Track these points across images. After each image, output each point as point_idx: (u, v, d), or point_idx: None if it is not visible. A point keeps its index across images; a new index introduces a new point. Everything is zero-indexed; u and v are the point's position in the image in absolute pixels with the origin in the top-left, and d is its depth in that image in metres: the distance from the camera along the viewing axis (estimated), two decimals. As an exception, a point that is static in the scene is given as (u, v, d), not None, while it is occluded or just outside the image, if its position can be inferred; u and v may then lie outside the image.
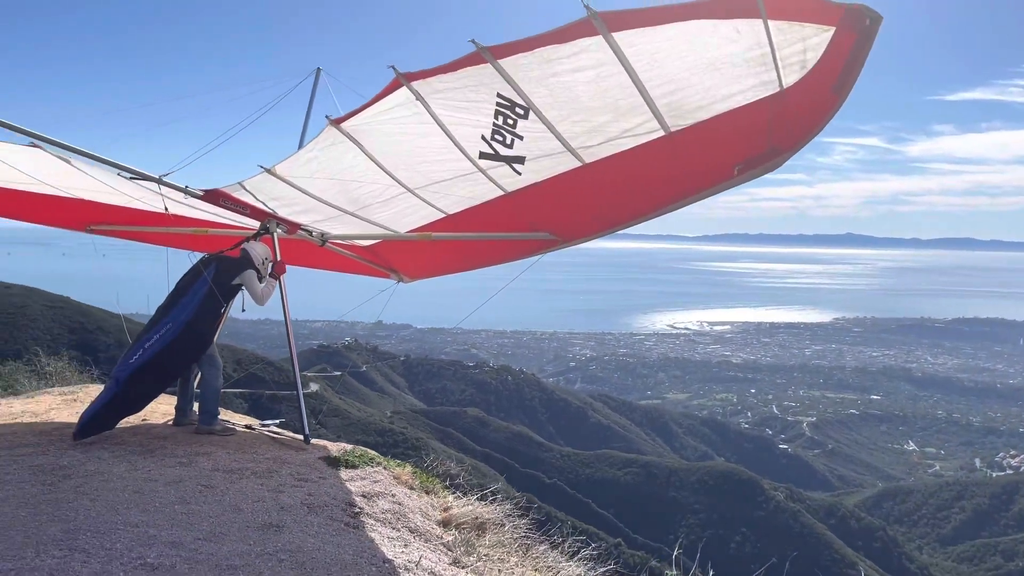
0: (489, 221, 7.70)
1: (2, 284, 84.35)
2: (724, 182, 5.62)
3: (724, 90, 4.92)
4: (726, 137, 5.40)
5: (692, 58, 4.73)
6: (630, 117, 5.34)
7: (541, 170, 6.32)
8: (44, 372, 13.43)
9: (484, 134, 5.89)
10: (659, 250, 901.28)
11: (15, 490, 5.66)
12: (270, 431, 8.00)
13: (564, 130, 5.63)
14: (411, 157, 6.70)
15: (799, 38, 4.35)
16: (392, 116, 5.91)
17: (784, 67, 4.57)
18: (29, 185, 7.87)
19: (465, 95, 5.45)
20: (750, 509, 74.98)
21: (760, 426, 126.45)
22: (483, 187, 6.89)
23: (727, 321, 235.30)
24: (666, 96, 5.06)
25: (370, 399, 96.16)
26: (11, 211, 9.58)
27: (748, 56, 4.56)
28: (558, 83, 5.11)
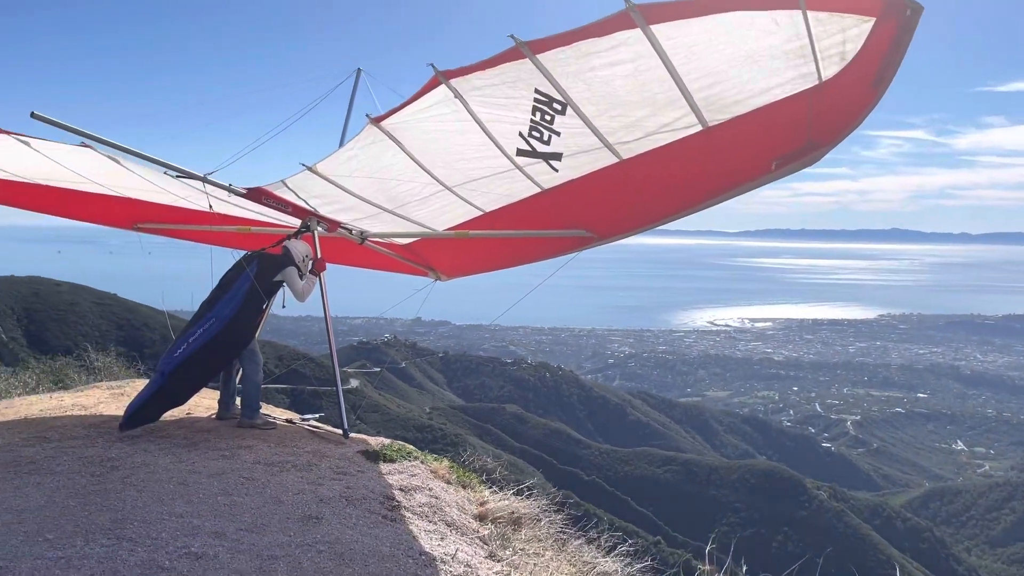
0: (526, 218, 7.70)
1: (53, 282, 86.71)
2: (761, 177, 5.56)
3: (762, 83, 4.86)
4: (764, 131, 5.34)
5: (730, 51, 4.68)
6: (668, 111, 5.31)
7: (578, 166, 6.31)
8: (93, 367, 13.82)
9: (522, 131, 5.89)
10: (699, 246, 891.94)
11: (65, 480, 5.84)
12: (310, 425, 8.13)
13: (601, 125, 5.61)
14: (449, 155, 6.74)
15: (839, 29, 4.28)
16: (431, 114, 5.95)
17: (823, 59, 4.49)
18: (79, 184, 8.09)
19: (503, 92, 5.46)
20: (792, 508, 74.02)
21: (803, 424, 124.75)
22: (520, 184, 6.90)
23: (768, 318, 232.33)
24: (704, 90, 5.02)
25: (409, 395, 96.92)
26: (63, 210, 9.85)
27: (787, 48, 4.50)
28: (596, 78, 5.09)
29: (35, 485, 5.71)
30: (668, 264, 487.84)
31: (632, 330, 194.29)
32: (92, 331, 71.78)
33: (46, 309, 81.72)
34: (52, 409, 8.38)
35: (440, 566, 4.89)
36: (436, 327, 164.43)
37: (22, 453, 6.47)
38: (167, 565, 4.47)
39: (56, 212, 10.03)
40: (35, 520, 5.04)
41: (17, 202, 9.39)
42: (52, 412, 8.22)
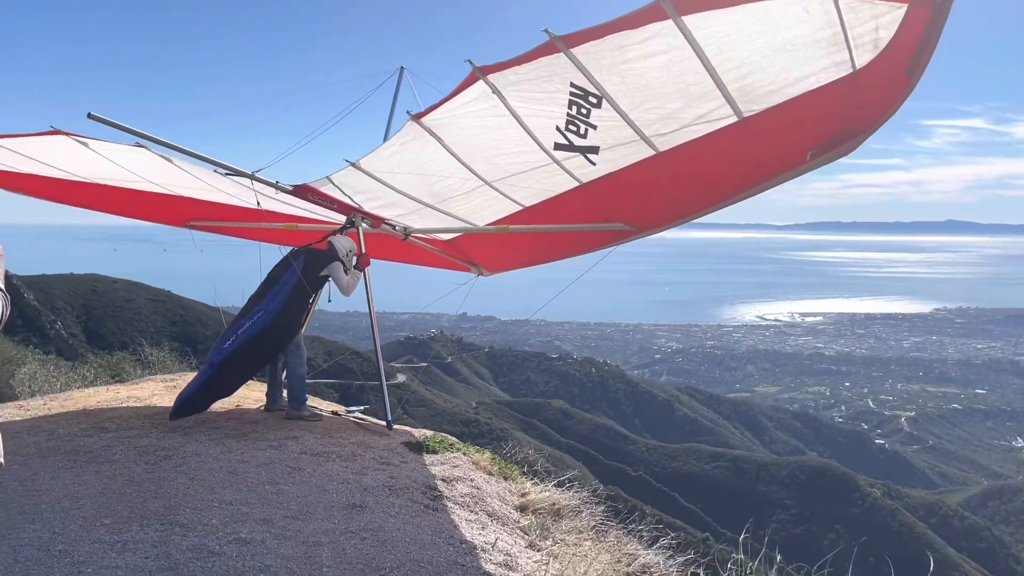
0: (565, 212, 7.73)
1: (110, 279, 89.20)
2: (797, 167, 5.51)
3: (796, 72, 4.82)
4: (799, 121, 5.29)
5: (762, 40, 4.65)
6: (703, 103, 5.30)
7: (615, 159, 6.32)
8: (148, 361, 14.25)
9: (558, 125, 5.92)
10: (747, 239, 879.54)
11: (122, 469, 6.07)
12: (355, 417, 8.29)
13: (637, 118, 5.61)
14: (488, 150, 6.80)
15: (871, 16, 4.23)
16: (469, 110, 6.01)
17: (856, 47, 4.44)
18: (135, 183, 8.36)
19: (539, 86, 5.50)
20: (844, 506, 72.67)
21: (855, 420, 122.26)
22: (558, 178, 6.94)
23: (819, 312, 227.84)
24: (738, 80, 4.99)
25: (455, 390, 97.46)
26: (119, 208, 10.17)
27: (819, 37, 4.46)
28: (630, 70, 5.09)
29: (93, 473, 5.95)
30: (715, 258, 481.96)
31: (679, 325, 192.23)
32: (147, 327, 73.69)
33: (103, 306, 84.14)
34: (109, 401, 8.68)
35: (480, 554, 4.97)
36: (482, 322, 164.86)
37: (81, 443, 6.74)
38: (217, 550, 4.63)
39: (113, 211, 10.36)
40: (93, 506, 5.26)
41: (77, 201, 9.73)
42: (109, 404, 8.52)
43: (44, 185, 8.65)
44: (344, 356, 65.69)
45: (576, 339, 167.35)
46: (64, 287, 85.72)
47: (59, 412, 8.01)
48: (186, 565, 4.42)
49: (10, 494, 5.43)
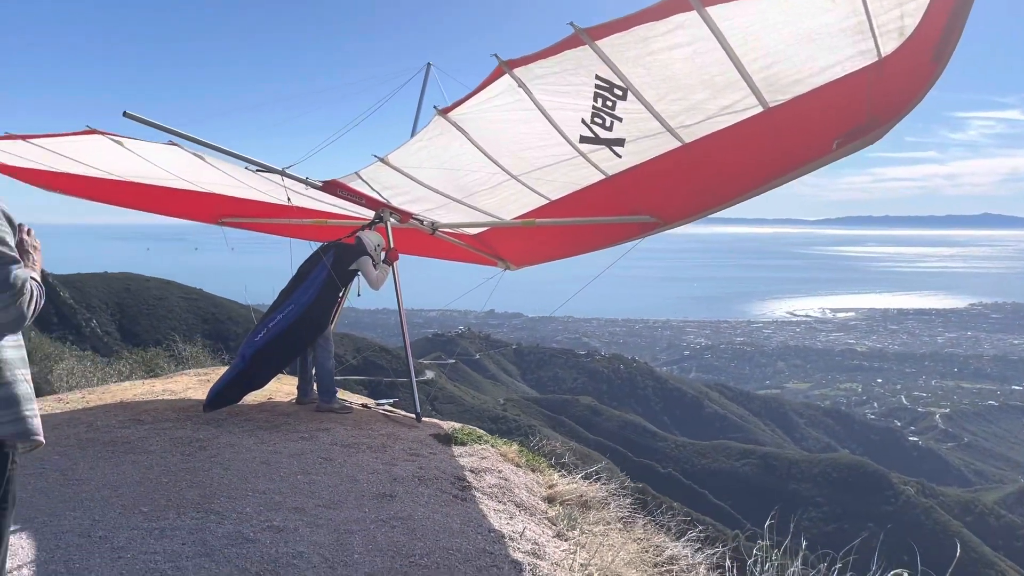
0: (591, 205, 7.76)
1: (143, 277, 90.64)
2: (823, 157, 5.49)
3: (821, 62, 4.81)
4: (825, 111, 5.27)
5: (787, 30, 4.64)
6: (728, 93, 5.29)
7: (641, 152, 6.33)
8: (181, 356, 14.50)
9: (584, 117, 5.95)
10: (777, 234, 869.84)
11: (158, 459, 6.21)
12: (384, 410, 8.40)
13: (662, 109, 5.62)
14: (514, 144, 6.84)
15: (896, 3, 4.20)
16: (495, 104, 6.06)
17: (881, 35, 4.41)
18: (168, 181, 8.52)
19: (565, 79, 5.53)
20: (877, 503, 71.79)
21: (888, 417, 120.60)
22: (584, 171, 6.96)
23: (851, 308, 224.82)
24: (763, 71, 4.99)
25: (483, 386, 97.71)
26: (153, 206, 10.35)
27: (844, 25, 4.44)
28: (655, 62, 5.10)
29: (131, 463, 6.10)
30: (745, 254, 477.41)
31: (708, 321, 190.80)
32: (180, 324, 74.67)
33: (137, 304, 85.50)
34: (144, 394, 8.86)
35: (508, 542, 5.03)
36: (509, 319, 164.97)
37: (119, 434, 6.90)
38: (251, 537, 4.74)
39: (148, 208, 10.55)
40: (131, 495, 5.39)
41: (112, 199, 9.94)
42: (145, 397, 8.70)
43: (81, 184, 8.85)
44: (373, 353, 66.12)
45: (604, 336, 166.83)
46: (99, 285, 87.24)
47: (97, 405, 8.20)
48: (221, 551, 4.52)
49: (51, 483, 5.58)
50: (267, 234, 11.47)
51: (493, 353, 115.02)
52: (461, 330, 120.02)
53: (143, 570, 4.25)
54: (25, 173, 8.67)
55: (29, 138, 7.21)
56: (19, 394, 2.64)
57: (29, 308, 2.61)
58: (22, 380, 2.67)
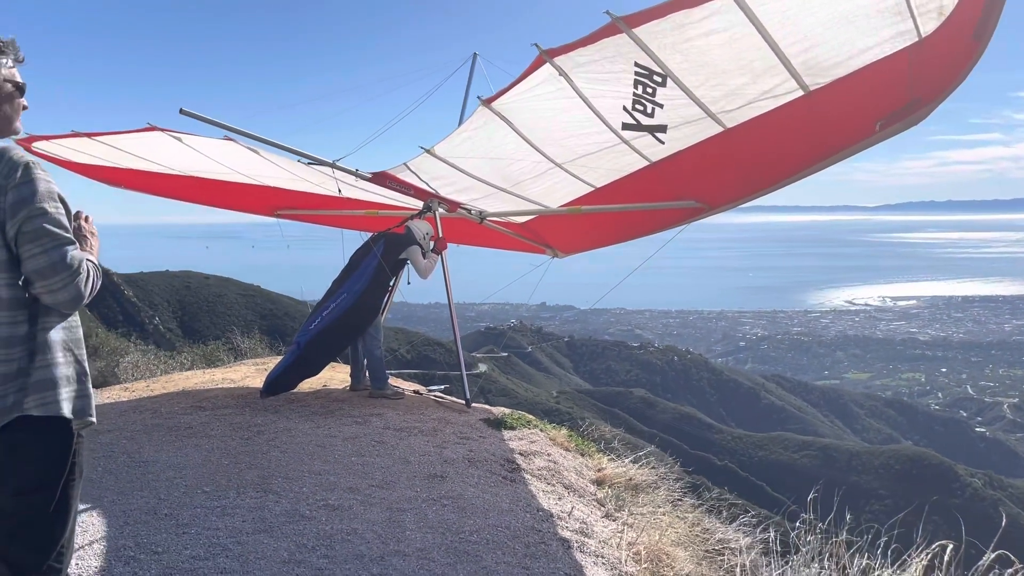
0: (636, 192, 7.76)
1: (202, 275, 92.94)
2: (866, 139, 5.41)
3: (860, 43, 4.75)
4: (866, 93, 5.20)
5: (824, 12, 4.61)
6: (767, 78, 5.27)
7: (683, 138, 6.32)
8: (239, 349, 14.89)
9: (625, 105, 5.97)
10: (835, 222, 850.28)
11: (219, 443, 6.45)
12: (435, 396, 8.55)
13: (703, 95, 5.61)
14: (557, 132, 6.89)
15: None
16: (537, 93, 6.12)
17: (920, 15, 4.34)
18: (225, 175, 8.79)
19: (604, 67, 5.55)
20: (943, 496, 69.65)
21: (953, 407, 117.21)
22: (628, 158, 6.98)
23: (912, 296, 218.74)
24: (801, 54, 4.95)
25: (536, 379, 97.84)
26: (211, 199, 10.66)
27: (882, 7, 4.38)
28: (692, 48, 5.10)
29: (193, 447, 6.34)
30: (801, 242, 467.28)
31: (764, 311, 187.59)
32: (238, 320, 76.20)
33: (197, 301, 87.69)
34: (205, 383, 9.17)
35: (557, 521, 5.11)
36: (561, 312, 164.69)
37: (181, 420, 7.17)
38: (308, 514, 4.91)
39: (206, 201, 10.86)
40: (194, 476, 5.62)
41: (173, 193, 10.28)
42: (205, 385, 9.01)
43: (143, 179, 9.20)
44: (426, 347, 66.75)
45: (657, 327, 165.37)
46: (160, 283, 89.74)
47: (161, 393, 8.52)
48: (280, 528, 4.70)
49: (119, 465, 5.85)
50: (322, 226, 11.70)
51: (545, 346, 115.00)
52: (513, 323, 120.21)
53: (207, 544, 4.45)
54: (91, 169, 9.05)
55: (94, 135, 7.53)
56: (58, 376, 2.67)
57: (86, 288, 2.68)
58: (64, 363, 2.71)
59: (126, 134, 7.35)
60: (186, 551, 4.34)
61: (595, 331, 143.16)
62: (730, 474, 73.21)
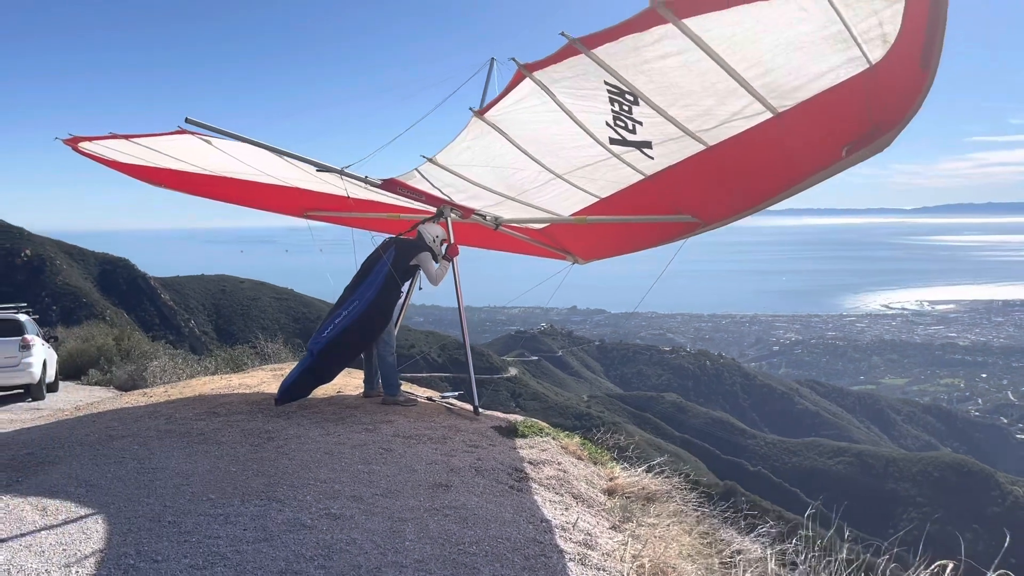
0: (637, 204, 7.70)
1: (237, 279, 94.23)
2: (835, 163, 5.30)
3: (814, 69, 4.65)
4: (831, 116, 5.11)
5: (769, 39, 4.51)
6: (733, 100, 5.17)
7: (670, 154, 6.24)
8: (265, 353, 15.06)
9: (607, 120, 5.90)
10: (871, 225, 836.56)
11: (229, 450, 6.48)
12: (448, 403, 8.51)
13: (676, 115, 5.51)
14: (552, 143, 6.82)
15: (870, 12, 4.03)
16: (525, 106, 6.06)
17: (865, 42, 4.25)
18: (255, 176, 8.86)
19: (579, 83, 5.46)
20: (983, 504, 68.44)
21: (993, 414, 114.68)
22: (624, 171, 6.90)
23: (951, 300, 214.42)
24: (760, 78, 4.85)
25: (567, 383, 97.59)
26: (244, 199, 10.71)
27: (825, 34, 4.29)
28: (653, 69, 5.00)
29: (203, 453, 6.37)
30: (836, 245, 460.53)
31: (798, 315, 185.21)
32: (272, 324, 77.25)
33: (231, 304, 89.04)
34: (222, 388, 9.25)
35: (560, 532, 5.04)
36: (591, 315, 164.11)
37: (194, 426, 7.22)
38: (309, 523, 4.89)
39: (240, 201, 10.91)
40: (201, 483, 5.64)
41: (209, 193, 10.39)
42: (221, 391, 9.08)
43: (181, 179, 9.36)
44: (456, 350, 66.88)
45: (689, 331, 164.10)
46: (196, 287, 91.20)
47: (178, 398, 8.61)
48: (280, 537, 4.69)
49: (128, 471, 5.90)
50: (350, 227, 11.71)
51: (576, 350, 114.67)
52: (543, 327, 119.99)
53: (206, 553, 4.44)
54: (134, 169, 9.26)
55: (132, 137, 7.68)
56: None
57: None
58: None
59: (159, 136, 7.45)
60: (185, 560, 4.34)
61: (626, 335, 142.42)
62: (763, 480, 72.40)
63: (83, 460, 6.27)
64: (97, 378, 17.64)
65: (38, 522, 4.88)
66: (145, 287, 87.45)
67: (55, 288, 79.56)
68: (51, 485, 5.63)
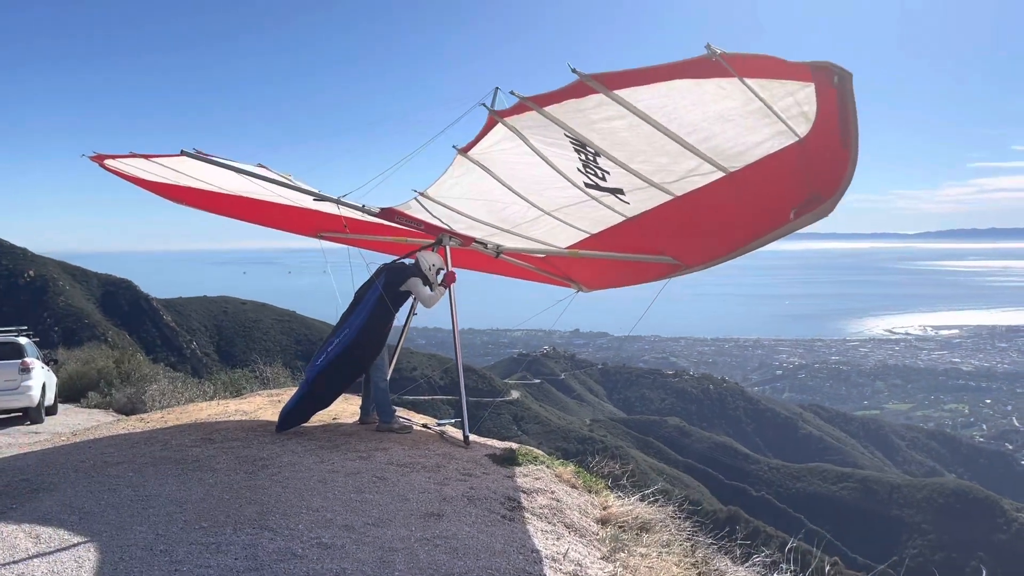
0: (626, 242, 7.79)
1: (239, 300, 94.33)
2: (785, 225, 5.38)
3: (749, 139, 4.75)
4: (776, 180, 5.21)
5: (698, 111, 4.61)
6: (684, 160, 5.26)
7: (644, 200, 6.33)
8: (264, 377, 15.08)
9: (578, 167, 6.00)
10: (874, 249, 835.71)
11: (223, 477, 6.49)
12: (441, 430, 8.52)
13: (637, 168, 5.61)
14: (535, 183, 6.93)
15: (786, 92, 4.12)
16: (502, 148, 6.17)
17: (789, 119, 4.35)
18: (268, 196, 8.93)
19: (545, 132, 5.56)
20: (988, 531, 67.87)
21: (998, 440, 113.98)
22: (605, 212, 7.00)
23: (955, 325, 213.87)
24: (703, 143, 4.95)
25: (569, 407, 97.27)
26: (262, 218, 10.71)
27: (749, 109, 4.38)
28: (603, 129, 5.09)
29: (197, 481, 6.39)
30: (840, 270, 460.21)
31: (802, 340, 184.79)
32: (273, 346, 77.42)
33: (233, 326, 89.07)
34: (218, 414, 9.26)
35: (550, 563, 5.04)
36: (594, 339, 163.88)
37: (190, 452, 7.24)
38: (300, 553, 4.90)
39: (259, 221, 10.89)
40: (194, 511, 5.66)
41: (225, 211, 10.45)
42: (218, 417, 9.10)
43: (199, 196, 9.45)
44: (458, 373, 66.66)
45: (692, 355, 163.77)
46: (199, 309, 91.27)
47: (174, 424, 8.63)
48: (270, 566, 4.69)
49: (123, 498, 5.91)
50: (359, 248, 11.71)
51: (579, 373, 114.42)
52: (546, 350, 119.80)
53: (196, 583, 4.45)
54: (157, 186, 9.38)
55: (150, 157, 7.77)
56: None
57: None
58: None
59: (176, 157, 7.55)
60: (174, 590, 4.35)
61: (629, 358, 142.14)
62: (767, 505, 71.92)
63: (78, 487, 6.29)
64: (96, 401, 17.64)
65: (31, 550, 4.90)
66: (147, 308, 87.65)
67: (57, 309, 79.81)
68: (45, 512, 5.65)
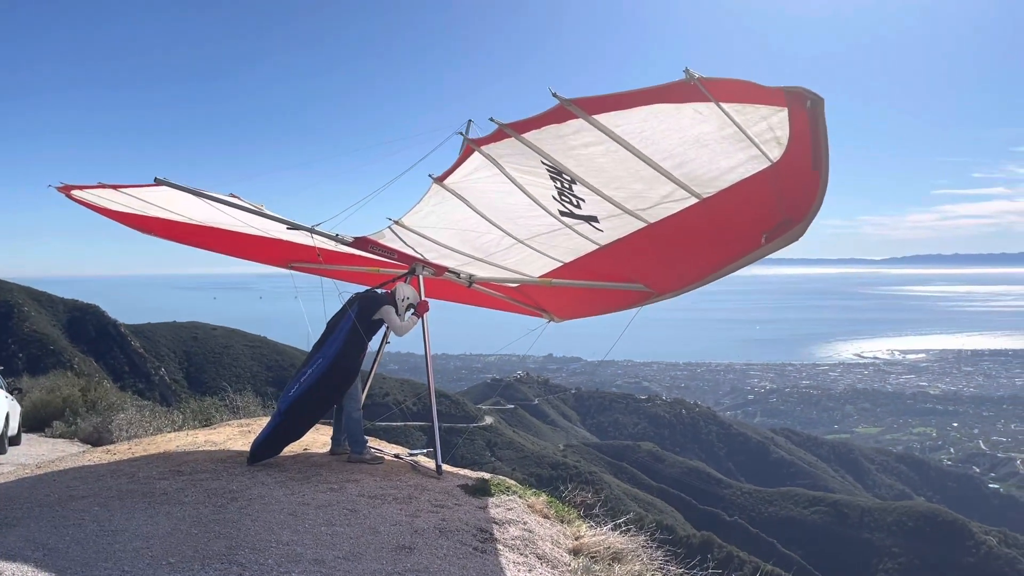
0: (597, 271, 7.84)
1: (209, 326, 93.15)
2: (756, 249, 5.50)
3: (723, 163, 4.88)
4: (749, 204, 5.33)
5: (675, 137, 4.73)
6: (659, 186, 5.36)
7: (616, 228, 6.41)
8: (234, 406, 14.87)
9: (553, 195, 6.07)
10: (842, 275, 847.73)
11: (191, 510, 6.39)
12: (414, 461, 8.47)
13: (612, 195, 5.69)
14: (509, 212, 6.98)
15: (760, 117, 4.25)
16: (479, 176, 6.23)
17: (762, 143, 4.48)
18: (239, 227, 8.89)
19: (522, 161, 5.63)
20: (958, 554, 68.55)
21: (965, 463, 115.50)
22: (579, 240, 7.06)
23: (922, 349, 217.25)
24: (677, 168, 5.06)
25: (543, 432, 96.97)
26: (230, 249, 10.62)
27: (724, 134, 4.51)
28: (581, 155, 5.18)
29: (165, 514, 6.28)
30: (809, 295, 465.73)
31: (773, 364, 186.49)
32: (244, 372, 76.50)
33: (203, 352, 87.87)
34: (187, 445, 9.13)
35: (521, 597, 5.02)
36: (567, 363, 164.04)
37: (157, 485, 7.12)
38: (269, 588, 4.83)
39: (227, 251, 10.77)
40: (161, 546, 5.55)
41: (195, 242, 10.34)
42: (187, 448, 8.97)
43: (168, 227, 9.37)
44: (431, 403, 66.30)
45: (665, 380, 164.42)
46: (167, 334, 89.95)
47: (141, 455, 8.49)
48: (238, 603, 4.63)
49: (87, 534, 5.79)
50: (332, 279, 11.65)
51: (552, 398, 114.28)
52: (519, 375, 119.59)
53: (162, 621, 4.38)
54: (125, 217, 9.28)
55: (119, 187, 7.71)
56: None
57: None
58: None
59: (145, 187, 7.51)
60: (140, 629, 4.27)
61: (602, 383, 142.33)
62: (740, 530, 72.06)
63: (41, 522, 6.16)
64: (62, 430, 17.29)
65: (-8, 588, 4.79)
66: (115, 334, 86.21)
67: (22, 335, 78.25)
68: (8, 548, 5.52)
